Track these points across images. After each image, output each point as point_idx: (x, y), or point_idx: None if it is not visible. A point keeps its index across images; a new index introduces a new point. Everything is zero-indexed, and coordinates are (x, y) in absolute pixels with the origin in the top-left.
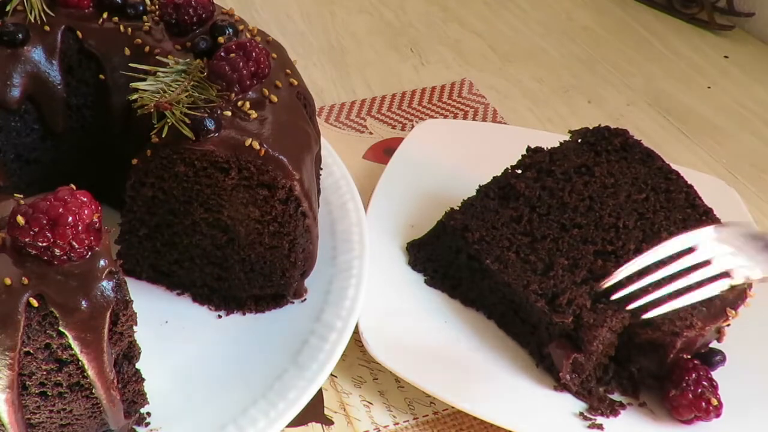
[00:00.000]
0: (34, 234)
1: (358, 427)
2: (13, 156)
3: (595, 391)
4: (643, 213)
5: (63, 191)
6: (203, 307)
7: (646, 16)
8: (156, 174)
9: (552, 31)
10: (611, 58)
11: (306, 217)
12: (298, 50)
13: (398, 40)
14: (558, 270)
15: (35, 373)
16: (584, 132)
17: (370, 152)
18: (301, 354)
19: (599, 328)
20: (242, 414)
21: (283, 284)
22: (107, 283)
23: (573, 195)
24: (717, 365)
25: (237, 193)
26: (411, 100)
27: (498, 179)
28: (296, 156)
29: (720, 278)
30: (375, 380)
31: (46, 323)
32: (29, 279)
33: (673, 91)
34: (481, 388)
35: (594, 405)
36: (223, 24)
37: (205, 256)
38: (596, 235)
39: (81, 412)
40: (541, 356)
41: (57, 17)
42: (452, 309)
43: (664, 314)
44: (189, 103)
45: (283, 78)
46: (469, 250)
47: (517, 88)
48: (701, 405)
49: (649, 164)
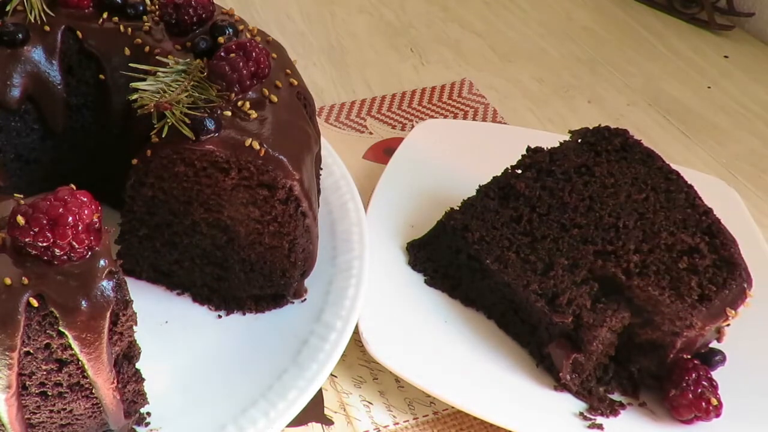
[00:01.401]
0: (34, 234)
1: (358, 427)
2: (13, 156)
3: (595, 391)
4: (643, 213)
5: (63, 191)
6: (203, 307)
7: (646, 16)
8: (156, 174)
9: (552, 31)
10: (611, 58)
11: (306, 217)
12: (298, 50)
13: (398, 40)
14: (558, 270)
15: (35, 373)
16: (584, 132)
17: (370, 152)
18: (301, 354)
19: (599, 328)
20: (242, 414)
21: (283, 284)
22: (107, 283)
23: (573, 195)
24: (717, 365)
25: (237, 193)
26: (411, 100)
27: (498, 179)
28: (296, 156)
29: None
30: (375, 380)
31: (46, 323)
32: (29, 279)
33: (673, 91)
34: (481, 388)
35: (594, 405)
36: (223, 24)
37: (205, 256)
38: (596, 235)
39: (81, 412)
40: (541, 356)
41: (57, 17)
42: (452, 309)
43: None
44: (189, 103)
45: (283, 78)
46: (469, 250)
47: (517, 88)
48: (701, 405)
49: (649, 164)
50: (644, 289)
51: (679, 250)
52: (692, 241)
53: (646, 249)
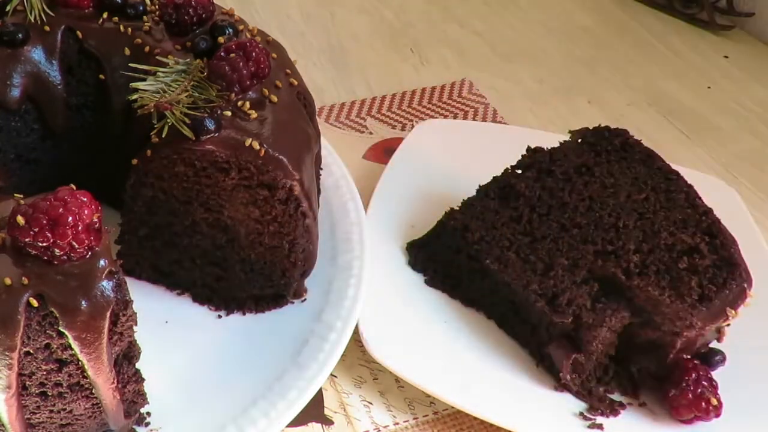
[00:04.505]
0: (34, 234)
1: (358, 427)
2: (13, 156)
3: (595, 391)
4: (643, 213)
5: (63, 191)
6: (203, 307)
7: (646, 16)
8: (156, 174)
9: (552, 31)
10: (611, 59)
11: (306, 217)
12: (298, 50)
13: (398, 40)
14: (558, 270)
15: (35, 373)
16: (584, 132)
17: (370, 152)
18: (301, 354)
19: (599, 328)
20: (242, 414)
21: (283, 284)
22: (107, 283)
23: (573, 195)
24: (717, 365)
25: (237, 193)
26: (411, 100)
27: (498, 179)
28: (296, 156)
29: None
30: (375, 380)
31: (46, 323)
32: (29, 279)
33: (673, 91)
34: (481, 388)
35: (594, 405)
36: (223, 24)
37: (205, 256)
38: (596, 235)
39: (81, 412)
40: (541, 356)
41: (57, 17)
42: (452, 309)
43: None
44: (189, 103)
45: (283, 78)
46: (469, 250)
47: (517, 88)
48: (701, 405)
49: (649, 164)
50: (644, 289)
51: (679, 250)
52: (692, 241)
53: (646, 249)
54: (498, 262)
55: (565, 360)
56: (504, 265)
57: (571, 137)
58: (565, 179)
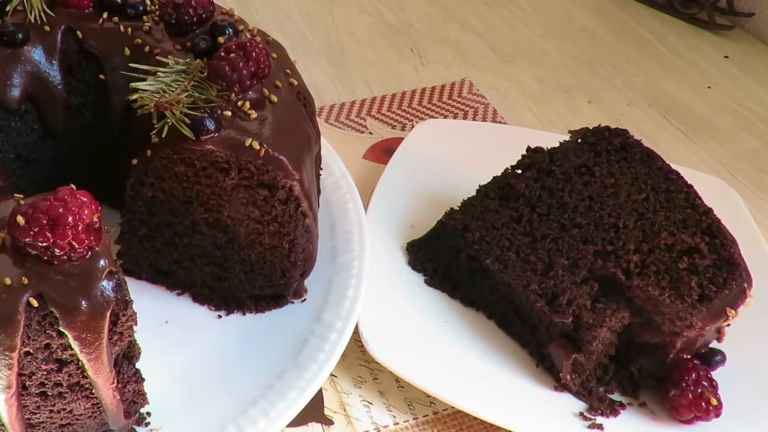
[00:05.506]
0: (34, 234)
1: (358, 427)
2: (13, 156)
3: (595, 391)
4: (643, 213)
5: (63, 191)
6: (203, 307)
7: (646, 16)
8: (156, 174)
9: (552, 31)
10: (611, 59)
11: (306, 217)
12: (298, 50)
13: (398, 40)
14: (558, 270)
15: (35, 373)
16: (584, 132)
17: (370, 152)
18: (301, 354)
19: (599, 328)
20: (242, 414)
21: (283, 284)
22: (107, 283)
23: (573, 195)
24: (717, 365)
25: (237, 193)
26: (411, 100)
27: (498, 179)
28: (296, 156)
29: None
30: (375, 380)
31: (46, 323)
32: (29, 279)
33: (673, 91)
34: (481, 388)
35: (594, 405)
36: (223, 24)
37: (205, 256)
38: (596, 235)
39: (81, 412)
40: (541, 356)
41: (57, 17)
42: (452, 309)
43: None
44: (189, 103)
45: (283, 78)
46: (469, 250)
47: (517, 88)
48: (701, 405)
49: (649, 164)
50: (644, 289)
51: (679, 250)
52: (692, 241)
53: (646, 249)
54: (498, 262)
55: (565, 360)
56: (504, 265)
57: (571, 137)
58: (565, 179)
